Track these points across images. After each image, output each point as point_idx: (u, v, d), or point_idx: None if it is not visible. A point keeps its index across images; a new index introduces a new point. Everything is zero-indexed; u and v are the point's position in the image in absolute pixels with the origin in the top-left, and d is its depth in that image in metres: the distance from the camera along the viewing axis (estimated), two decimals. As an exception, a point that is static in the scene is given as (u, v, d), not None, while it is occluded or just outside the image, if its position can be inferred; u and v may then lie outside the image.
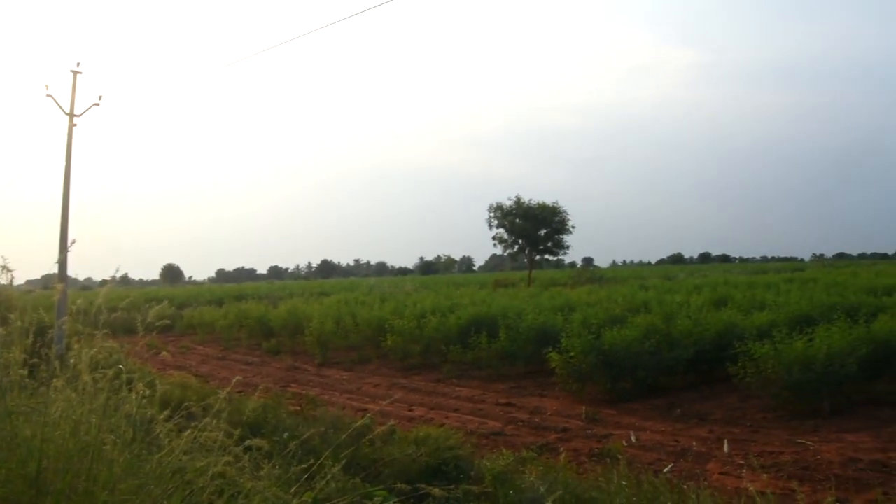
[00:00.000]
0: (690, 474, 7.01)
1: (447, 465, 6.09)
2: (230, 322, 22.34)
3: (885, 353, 10.57)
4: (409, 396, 12.13)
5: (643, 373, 11.35)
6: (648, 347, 11.33)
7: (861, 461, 7.42)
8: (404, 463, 5.90)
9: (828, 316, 12.61)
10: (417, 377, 14.19)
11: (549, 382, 12.64)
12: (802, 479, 6.98)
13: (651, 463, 7.60)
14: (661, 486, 5.11)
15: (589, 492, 5.19)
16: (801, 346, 9.89)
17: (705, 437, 8.80)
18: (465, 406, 11.21)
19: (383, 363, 16.10)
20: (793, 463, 7.49)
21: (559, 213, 44.48)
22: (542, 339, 13.48)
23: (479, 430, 9.41)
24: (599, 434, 9.10)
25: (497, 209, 44.34)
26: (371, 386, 13.32)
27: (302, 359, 17.33)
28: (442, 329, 15.53)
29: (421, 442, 6.36)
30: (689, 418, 9.89)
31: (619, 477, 5.32)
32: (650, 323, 12.32)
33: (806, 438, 8.51)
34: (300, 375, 14.88)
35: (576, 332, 11.85)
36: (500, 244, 45.35)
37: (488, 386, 12.90)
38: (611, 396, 11.24)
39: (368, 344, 17.66)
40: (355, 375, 14.67)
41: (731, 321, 12.98)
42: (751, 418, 9.80)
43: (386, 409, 10.60)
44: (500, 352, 14.04)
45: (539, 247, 45.09)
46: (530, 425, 9.75)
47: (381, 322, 17.07)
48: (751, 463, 7.49)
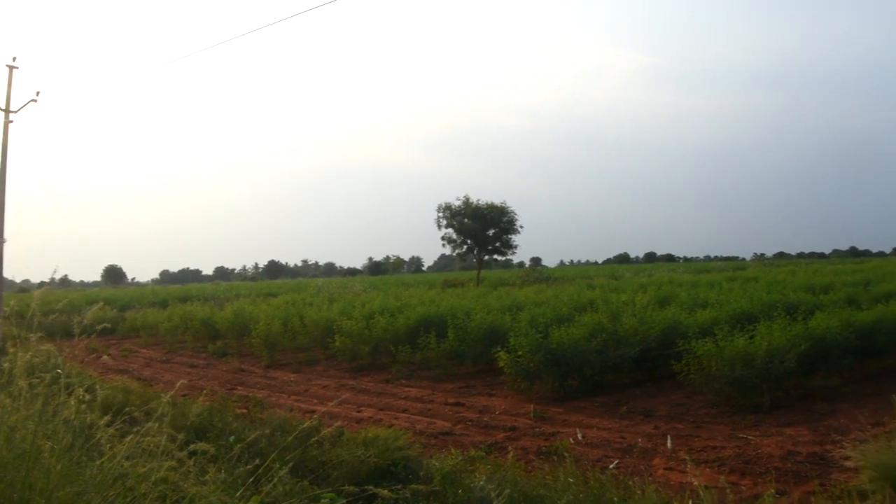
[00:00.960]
0: (636, 470, 7.11)
1: (396, 466, 6.07)
2: (175, 324, 21.88)
3: (821, 349, 10.89)
4: (357, 397, 12.05)
5: (590, 371, 11.50)
6: (595, 346, 11.46)
7: (799, 454, 7.63)
8: (353, 464, 5.86)
9: (768, 313, 12.94)
10: (366, 378, 14.11)
11: (498, 381, 12.70)
12: (744, 473, 7.14)
13: (598, 460, 7.69)
14: (607, 483, 5.18)
15: (537, 489, 5.22)
16: (742, 343, 10.12)
17: (651, 433, 8.94)
18: (414, 406, 11.18)
19: (331, 364, 15.97)
20: (735, 457, 7.66)
21: (507, 214, 44.75)
22: (490, 339, 13.54)
23: (428, 431, 9.40)
24: (547, 432, 9.17)
25: (446, 209, 44.41)
26: (319, 387, 13.20)
27: (249, 361, 17.08)
28: (391, 329, 15.49)
29: (370, 443, 6.32)
30: (634, 415, 10.03)
31: (567, 474, 5.38)
32: (597, 322, 12.47)
33: (747, 433, 8.72)
34: (247, 378, 14.67)
35: (524, 331, 11.92)
36: (448, 244, 45.44)
37: (437, 386, 12.90)
38: (558, 394, 11.34)
39: (316, 345, 17.52)
40: (303, 377, 14.52)
41: (675, 319, 13.21)
42: (694, 414, 9.99)
43: (334, 411, 10.51)
44: (449, 351, 14.06)
45: (487, 247, 45.30)
46: (479, 424, 9.78)
47: (330, 323, 16.93)
48: (695, 458, 7.65)
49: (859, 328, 11.80)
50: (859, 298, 16.50)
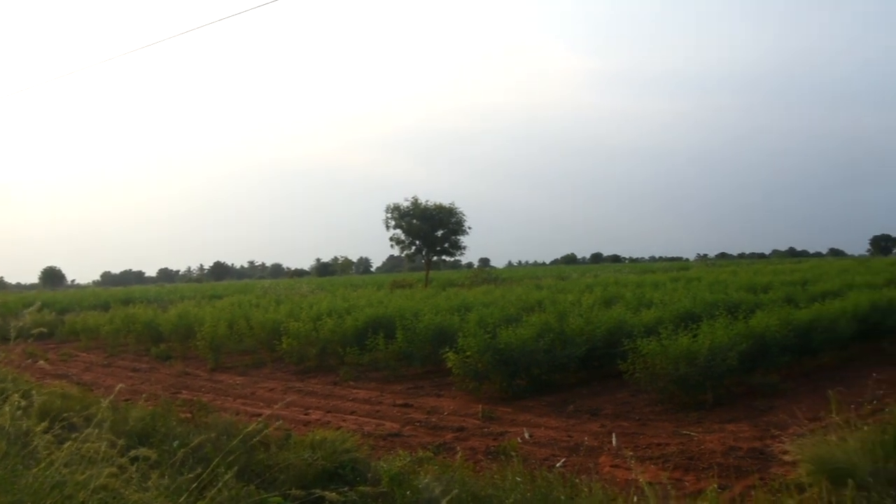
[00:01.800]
0: (583, 468, 7.19)
1: (344, 469, 6.03)
2: (116, 327, 21.34)
3: (761, 348, 11.18)
4: (305, 400, 11.95)
5: (538, 370, 11.59)
6: (542, 346, 11.56)
7: (741, 449, 7.81)
8: (300, 467, 5.79)
9: (711, 313, 13.21)
10: (313, 380, 13.99)
11: (446, 382, 12.72)
12: (688, 469, 7.29)
13: (545, 458, 7.76)
14: (554, 481, 5.22)
15: (485, 489, 5.24)
16: (686, 341, 10.32)
17: (597, 431, 9.06)
18: (362, 408, 11.13)
19: (278, 367, 15.80)
20: (679, 453, 7.80)
21: (456, 215, 44.82)
22: (439, 340, 13.55)
23: (377, 432, 9.36)
24: (496, 432, 9.21)
25: (394, 210, 44.27)
26: (266, 390, 13.05)
27: (193, 364, 16.79)
28: (338, 331, 15.38)
29: (317, 446, 6.26)
30: (581, 414, 10.15)
31: (514, 473, 5.41)
32: (544, 322, 12.57)
33: (690, 429, 8.90)
34: (191, 381, 14.42)
35: (472, 331, 11.96)
36: (397, 245, 45.29)
37: (385, 387, 12.86)
38: (507, 394, 11.41)
39: (263, 347, 17.31)
40: (249, 380, 14.33)
41: (620, 319, 13.40)
42: (640, 412, 10.15)
43: (281, 414, 10.39)
44: (398, 353, 14.02)
45: (436, 248, 45.29)
46: (427, 425, 9.78)
47: (277, 325, 16.75)
48: (640, 455, 7.77)
49: (797, 326, 12.13)
50: (797, 298, 16.97)
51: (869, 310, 14.43)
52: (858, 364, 13.27)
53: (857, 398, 9.71)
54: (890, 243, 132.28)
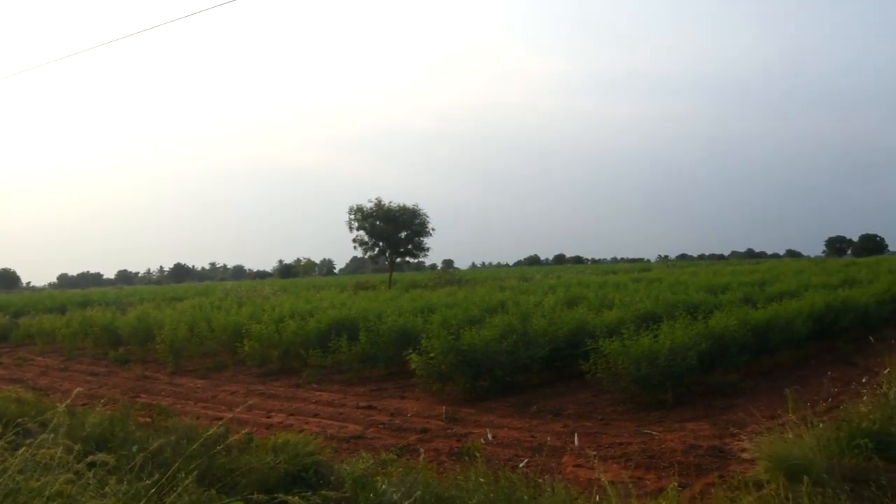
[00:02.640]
0: (546, 468, 7.23)
1: (307, 472, 5.98)
2: (73, 330, 20.91)
3: (720, 347, 11.35)
4: (267, 403, 11.84)
5: (501, 371, 11.62)
6: (506, 347, 11.59)
7: (701, 447, 7.92)
8: (262, 471, 5.74)
9: (671, 313, 13.41)
10: (276, 383, 13.86)
11: (410, 384, 12.70)
12: (649, 467, 7.37)
13: (509, 459, 7.78)
14: (517, 481, 5.24)
15: (448, 490, 5.24)
16: (647, 342, 10.44)
17: (560, 431, 9.11)
18: (325, 411, 11.06)
19: (240, 370, 15.63)
20: (640, 452, 7.89)
21: (419, 216, 44.77)
22: (402, 341, 13.53)
23: (340, 435, 9.31)
24: (459, 433, 9.22)
25: (357, 211, 44.06)
26: (227, 393, 12.90)
27: (153, 367, 16.53)
28: (301, 333, 15.28)
29: (279, 449, 6.21)
30: (544, 414, 10.20)
31: (478, 474, 5.41)
32: (507, 323, 12.61)
33: (651, 428, 9.00)
34: (151, 385, 14.20)
35: (435, 333, 11.96)
36: (360, 247, 45.06)
37: (349, 389, 12.80)
38: (470, 395, 11.43)
39: (224, 350, 17.10)
40: (211, 383, 14.15)
41: (583, 320, 13.50)
42: (602, 412, 10.24)
43: (243, 417, 10.30)
44: (361, 355, 13.97)
45: (399, 249, 45.18)
46: (391, 427, 9.75)
47: (238, 327, 16.57)
48: (602, 454, 7.84)
49: (755, 326, 12.34)
50: (755, 298, 17.26)
51: (824, 310, 14.74)
52: (814, 363, 13.55)
53: (813, 396, 9.92)
54: (844, 245, 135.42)
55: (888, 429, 6.73)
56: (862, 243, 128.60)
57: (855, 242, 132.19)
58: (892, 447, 6.55)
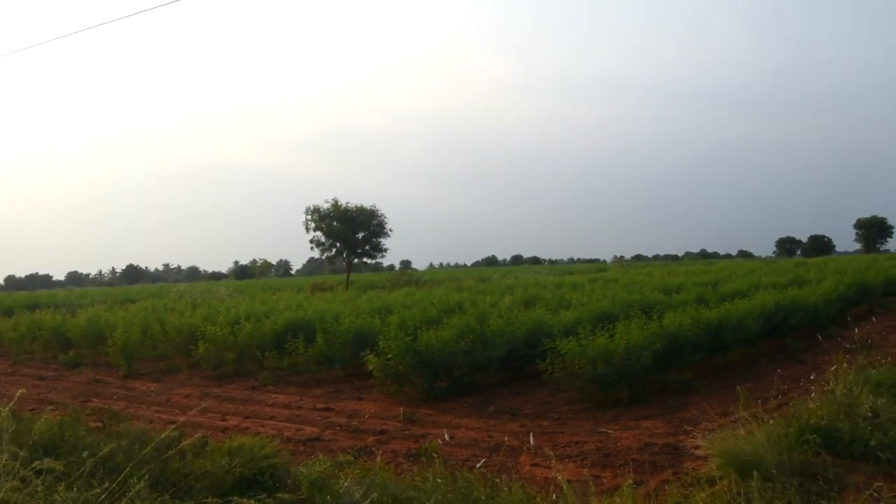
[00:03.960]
0: (503, 468, 7.25)
1: (263, 475, 5.91)
2: (21, 333, 20.36)
3: (674, 346, 11.51)
4: (222, 406, 11.69)
5: (458, 372, 11.64)
6: (463, 347, 11.61)
7: (655, 445, 8.02)
8: (217, 475, 5.65)
9: (627, 313, 13.55)
10: (231, 385, 13.70)
11: (367, 385, 12.65)
12: (605, 466, 7.44)
13: (466, 459, 7.79)
14: (475, 481, 5.25)
15: (406, 491, 5.23)
16: (603, 341, 10.54)
17: (517, 431, 9.15)
18: (281, 413, 10.96)
19: (195, 372, 15.40)
20: (596, 451, 7.96)
21: (377, 217, 44.69)
22: (359, 342, 13.47)
23: (297, 437, 9.24)
24: (417, 434, 9.21)
25: (314, 212, 43.80)
26: (181, 397, 12.70)
27: (104, 371, 16.20)
28: (257, 335, 15.11)
29: (235, 452, 6.13)
30: (502, 414, 10.24)
31: (435, 475, 5.41)
32: (465, 323, 12.63)
33: (607, 427, 9.09)
34: (102, 389, 13.90)
35: (393, 334, 11.92)
36: (317, 247, 44.84)
37: (305, 391, 12.70)
38: (428, 396, 11.42)
39: (178, 353, 16.81)
40: (164, 386, 13.92)
41: (540, 320, 13.59)
42: (559, 411, 10.32)
43: (197, 420, 10.15)
44: (318, 356, 13.86)
45: (357, 250, 45.04)
46: (348, 429, 9.70)
47: (193, 329, 16.31)
48: (559, 453, 7.89)
49: (708, 325, 12.55)
50: (708, 298, 17.55)
51: (774, 309, 15.06)
52: (765, 361, 13.83)
53: (763, 394, 10.15)
54: (794, 245, 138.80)
55: (835, 424, 6.91)
56: (811, 244, 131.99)
57: (804, 243, 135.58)
58: (840, 442, 6.73)
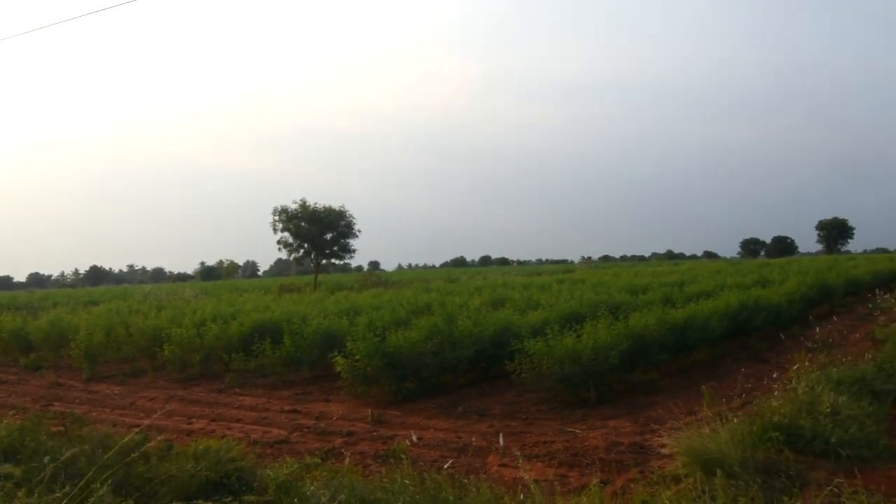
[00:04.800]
0: (471, 468, 7.27)
1: (229, 478, 5.86)
2: (-20, 337, 19.99)
3: (641, 346, 11.62)
4: (188, 408, 11.56)
5: (427, 373, 11.63)
6: (431, 348, 11.61)
7: (622, 444, 8.09)
8: (182, 479, 5.59)
9: (594, 313, 13.64)
10: (197, 388, 13.55)
11: (335, 387, 12.59)
12: (572, 465, 7.48)
13: (435, 460, 7.79)
14: (443, 482, 5.25)
15: (374, 493, 5.21)
16: (570, 342, 10.60)
17: (485, 431, 9.17)
18: (248, 415, 10.86)
19: (160, 375, 15.21)
20: (564, 450, 8.01)
21: (345, 217, 44.60)
22: (327, 344, 13.40)
23: (264, 440, 9.16)
24: (385, 435, 9.19)
25: (282, 212, 43.57)
26: (146, 400, 12.53)
27: (67, 374, 15.93)
28: (223, 337, 14.96)
29: (200, 455, 6.06)
30: (470, 415, 10.26)
31: (403, 476, 5.40)
32: (433, 324, 12.62)
33: (575, 427, 9.15)
34: (65, 393, 13.67)
35: (361, 335, 11.88)
36: (285, 248, 44.64)
37: (273, 393, 12.61)
38: (396, 397, 11.40)
39: (143, 355, 16.59)
40: (129, 389, 13.72)
41: (508, 321, 13.63)
42: (527, 411, 10.36)
43: (162, 424, 10.03)
44: (285, 358, 13.77)
45: (325, 251, 44.89)
46: (316, 431, 9.65)
47: (158, 331, 16.10)
48: (526, 453, 7.92)
49: (673, 326, 12.69)
50: (674, 298, 17.74)
51: (738, 309, 15.28)
52: (729, 360, 14.04)
53: (728, 392, 10.30)
54: (758, 246, 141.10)
55: (797, 422, 7.04)
56: (774, 245, 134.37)
57: (768, 244, 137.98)
58: (802, 440, 6.86)
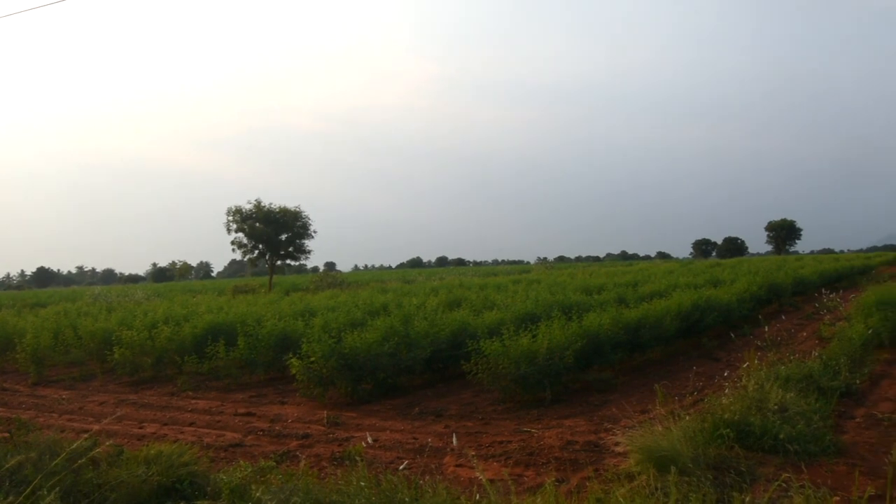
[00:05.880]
0: (427, 469, 7.26)
1: (181, 483, 5.77)
2: (-80, 341, 19.36)
3: (595, 346, 11.76)
4: (139, 413, 11.34)
5: (383, 374, 11.59)
6: (388, 349, 11.58)
7: (577, 443, 8.16)
8: (133, 485, 5.49)
9: (549, 313, 13.76)
10: (149, 392, 13.31)
11: (291, 389, 12.48)
12: (528, 464, 7.52)
13: (391, 462, 7.77)
14: (399, 483, 5.24)
15: (329, 496, 5.18)
16: (526, 342, 10.67)
17: (442, 432, 9.17)
18: (201, 419, 10.70)
19: (110, 379, 14.90)
20: (520, 450, 8.04)
21: (301, 218, 44.30)
22: (282, 346, 13.30)
23: (217, 443, 9.03)
24: (341, 437, 9.13)
25: (236, 213, 43.10)
26: (96, 404, 12.26)
27: (12, 379, 15.52)
28: (176, 339, 14.73)
29: (152, 460, 5.96)
30: (426, 415, 10.25)
31: (359, 478, 5.38)
32: (389, 325, 12.61)
33: (531, 426, 9.20)
34: (10, 398, 13.31)
35: (317, 336, 11.81)
36: (239, 249, 44.16)
37: (227, 396, 12.44)
38: (352, 399, 11.35)
39: (93, 359, 16.25)
40: (77, 394, 13.42)
41: (464, 321, 13.67)
42: (483, 411, 10.39)
43: (113, 429, 9.83)
44: (240, 360, 13.62)
45: (280, 251, 44.54)
46: (271, 434, 9.55)
47: (108, 334, 15.78)
48: (482, 453, 7.95)
49: (627, 325, 12.87)
50: (628, 298, 18.01)
51: (691, 308, 15.55)
52: (682, 359, 14.27)
53: (680, 390, 10.47)
54: (710, 247, 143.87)
55: (747, 419, 7.18)
56: (725, 245, 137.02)
57: (719, 245, 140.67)
58: (751, 436, 7.01)
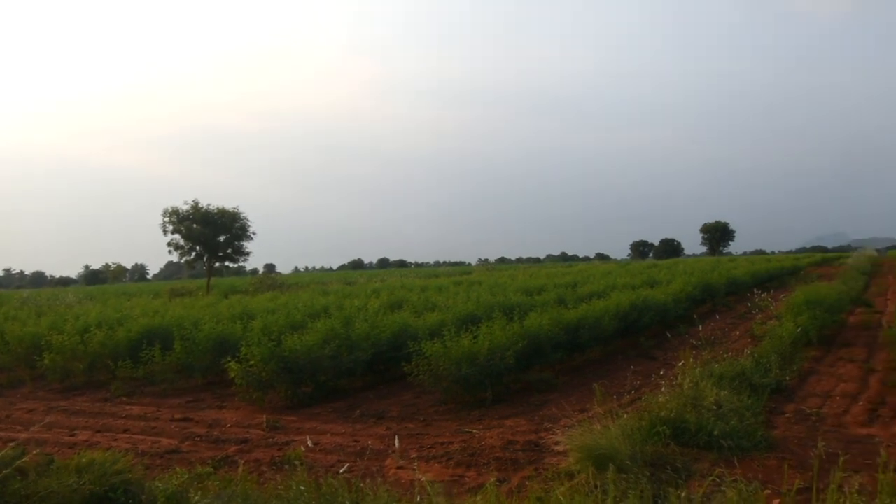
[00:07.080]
0: (368, 472, 7.22)
1: (115, 492, 5.61)
2: None
3: (536, 346, 11.87)
4: (70, 420, 11.00)
5: (324, 377, 11.50)
6: (328, 352, 11.49)
7: (518, 443, 8.22)
8: (64, 495, 5.32)
9: (490, 314, 13.84)
10: (81, 398, 12.92)
11: (229, 393, 12.28)
12: (469, 465, 7.54)
13: (332, 465, 7.70)
14: (339, 487, 5.20)
15: (269, 501, 5.12)
16: (467, 343, 10.71)
17: (383, 434, 9.14)
18: (136, 425, 10.44)
19: (40, 385, 14.43)
20: (461, 451, 8.06)
21: (239, 219, 43.64)
22: (220, 349, 13.07)
23: (153, 450, 8.82)
24: (281, 441, 9.02)
25: (172, 213, 42.20)
26: (24, 412, 11.85)
27: (-66, 386, 14.90)
28: (109, 344, 14.33)
29: (84, 469, 5.78)
30: (368, 418, 10.20)
31: (298, 482, 5.32)
32: (330, 328, 12.51)
33: (472, 427, 9.24)
34: (-68, 406, 12.78)
35: (256, 339, 11.64)
36: (176, 251, 43.23)
37: (163, 402, 12.16)
38: (292, 402, 11.22)
39: (21, 365, 15.69)
40: (4, 401, 12.94)
41: (405, 323, 13.65)
42: (424, 413, 10.39)
43: (42, 437, 9.52)
44: (176, 364, 13.34)
45: (218, 253, 43.78)
46: (209, 439, 9.37)
47: (37, 339, 15.27)
48: (424, 455, 7.94)
49: (567, 325, 13.03)
50: (567, 299, 18.23)
51: (628, 309, 15.83)
52: (620, 358, 14.52)
53: (618, 389, 10.65)
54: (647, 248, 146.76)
55: (683, 416, 7.35)
56: (662, 247, 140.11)
57: (656, 246, 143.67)
58: (687, 433, 7.17)
